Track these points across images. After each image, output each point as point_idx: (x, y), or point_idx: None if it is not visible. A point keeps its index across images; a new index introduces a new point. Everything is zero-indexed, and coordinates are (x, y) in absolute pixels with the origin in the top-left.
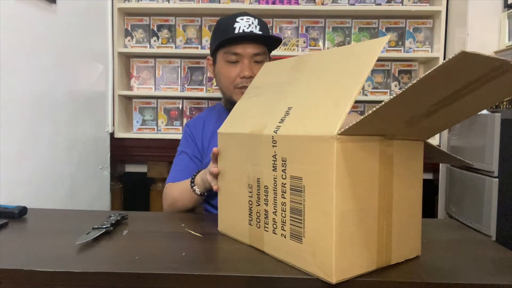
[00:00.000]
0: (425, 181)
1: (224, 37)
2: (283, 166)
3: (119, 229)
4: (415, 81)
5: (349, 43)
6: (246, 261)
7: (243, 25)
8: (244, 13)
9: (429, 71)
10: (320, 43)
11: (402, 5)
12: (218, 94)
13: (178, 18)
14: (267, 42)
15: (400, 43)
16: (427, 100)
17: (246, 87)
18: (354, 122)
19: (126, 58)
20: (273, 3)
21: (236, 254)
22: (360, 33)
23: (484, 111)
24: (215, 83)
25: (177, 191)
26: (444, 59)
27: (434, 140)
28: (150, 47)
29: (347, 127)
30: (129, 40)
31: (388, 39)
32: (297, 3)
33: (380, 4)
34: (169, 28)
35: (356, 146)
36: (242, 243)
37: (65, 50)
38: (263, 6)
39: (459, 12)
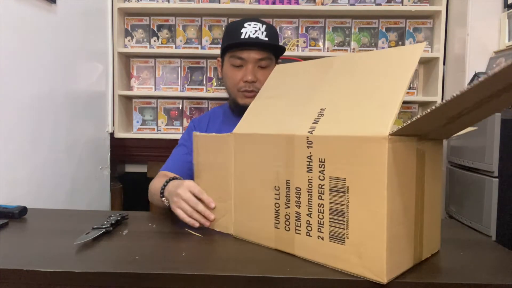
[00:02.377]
0: None
1: (230, 41)
2: (320, 167)
3: (119, 229)
4: (473, 85)
5: (349, 43)
6: (246, 261)
7: (250, 30)
8: (253, 18)
9: (491, 73)
10: (320, 43)
11: (402, 5)
12: (218, 94)
13: (178, 18)
14: (273, 48)
15: (400, 43)
16: (470, 101)
17: (248, 91)
18: None
19: (126, 58)
20: (273, 3)
21: (236, 254)
22: (360, 33)
23: None
24: (215, 83)
25: (155, 187)
26: (444, 59)
27: None
28: (150, 47)
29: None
30: (129, 40)
31: (424, 46)
32: (297, 3)
33: (380, 4)
34: (169, 28)
35: (402, 146)
36: (243, 243)
37: (65, 50)
38: (263, 6)
39: (459, 12)
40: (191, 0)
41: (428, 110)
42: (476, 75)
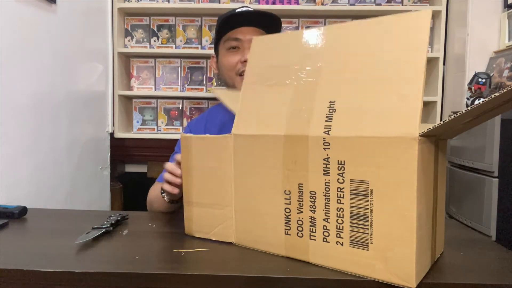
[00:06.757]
0: None
1: (223, 25)
2: (339, 170)
3: (119, 229)
4: (503, 92)
5: None
6: (247, 261)
7: (243, 10)
8: (243, 6)
9: None
10: None
11: (402, 5)
12: None
13: (178, 18)
14: (268, 27)
15: None
16: (491, 105)
17: None
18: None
19: (126, 58)
20: (273, 3)
21: (237, 254)
22: None
23: None
24: (215, 83)
25: (154, 193)
26: (444, 59)
27: None
28: (150, 47)
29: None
30: (129, 40)
31: (431, 13)
32: (297, 3)
33: (380, 4)
34: (169, 28)
35: (426, 146)
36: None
37: (65, 50)
38: (263, 6)
39: (459, 12)
40: (191, 0)
41: (463, 111)
42: (476, 75)
